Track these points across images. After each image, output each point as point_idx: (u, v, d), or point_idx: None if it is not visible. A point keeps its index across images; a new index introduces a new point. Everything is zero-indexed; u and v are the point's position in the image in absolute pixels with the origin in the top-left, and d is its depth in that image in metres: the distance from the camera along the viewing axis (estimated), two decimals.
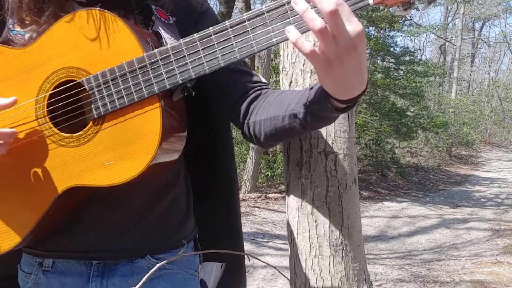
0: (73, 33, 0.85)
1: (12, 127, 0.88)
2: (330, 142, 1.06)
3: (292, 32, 0.72)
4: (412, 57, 11.50)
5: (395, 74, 11.46)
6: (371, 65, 11.25)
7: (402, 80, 11.30)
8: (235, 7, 8.04)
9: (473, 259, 5.25)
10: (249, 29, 0.78)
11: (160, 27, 0.94)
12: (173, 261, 1.00)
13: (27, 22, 0.90)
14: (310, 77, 1.10)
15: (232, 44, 0.79)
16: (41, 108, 0.87)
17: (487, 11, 24.80)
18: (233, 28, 0.79)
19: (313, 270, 1.08)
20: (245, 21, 0.78)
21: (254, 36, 0.78)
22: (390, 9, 0.76)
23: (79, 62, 0.85)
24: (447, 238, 6.39)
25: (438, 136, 14.25)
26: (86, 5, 0.92)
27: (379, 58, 11.59)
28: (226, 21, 0.80)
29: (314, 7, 0.70)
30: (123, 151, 0.84)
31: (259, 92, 0.98)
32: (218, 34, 0.80)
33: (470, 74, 29.19)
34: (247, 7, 7.93)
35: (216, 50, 0.80)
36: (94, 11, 0.84)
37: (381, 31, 11.40)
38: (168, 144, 0.88)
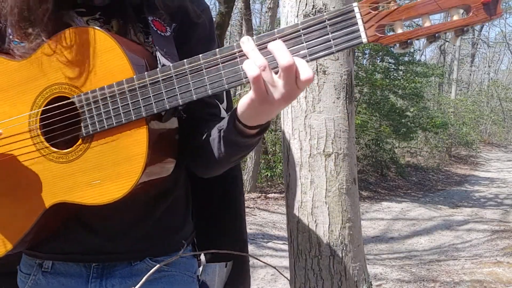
0: (67, 49, 0.86)
1: (4, 138, 0.88)
2: (330, 142, 1.06)
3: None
4: (411, 58, 11.49)
5: (394, 74, 11.45)
6: (370, 65, 11.25)
7: (401, 80, 11.30)
8: (234, 7, 8.04)
9: (473, 259, 5.25)
10: (238, 59, 0.77)
11: (156, 44, 0.93)
12: (171, 263, 1.00)
13: (23, 35, 0.90)
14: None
15: (221, 73, 0.78)
16: (34, 122, 0.87)
17: None
18: (223, 58, 0.78)
19: (313, 270, 1.08)
20: (235, 51, 0.77)
21: (242, 67, 0.77)
22: (390, 48, 0.76)
23: (71, 79, 0.85)
24: (447, 238, 6.39)
25: (437, 136, 14.25)
26: (85, 15, 0.92)
27: (378, 58, 11.58)
28: (217, 49, 0.79)
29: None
30: (109, 172, 0.84)
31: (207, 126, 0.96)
32: (207, 62, 0.79)
33: (470, 74, 29.21)
34: (247, 7, 7.93)
35: (205, 78, 0.79)
36: (89, 29, 0.85)
37: None
38: (156, 166, 0.88)
